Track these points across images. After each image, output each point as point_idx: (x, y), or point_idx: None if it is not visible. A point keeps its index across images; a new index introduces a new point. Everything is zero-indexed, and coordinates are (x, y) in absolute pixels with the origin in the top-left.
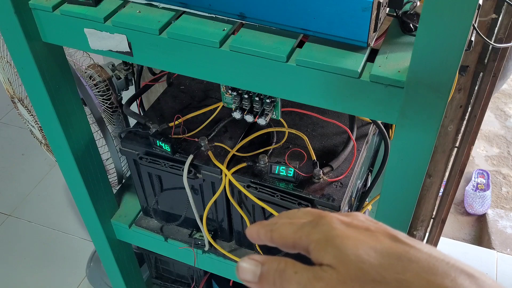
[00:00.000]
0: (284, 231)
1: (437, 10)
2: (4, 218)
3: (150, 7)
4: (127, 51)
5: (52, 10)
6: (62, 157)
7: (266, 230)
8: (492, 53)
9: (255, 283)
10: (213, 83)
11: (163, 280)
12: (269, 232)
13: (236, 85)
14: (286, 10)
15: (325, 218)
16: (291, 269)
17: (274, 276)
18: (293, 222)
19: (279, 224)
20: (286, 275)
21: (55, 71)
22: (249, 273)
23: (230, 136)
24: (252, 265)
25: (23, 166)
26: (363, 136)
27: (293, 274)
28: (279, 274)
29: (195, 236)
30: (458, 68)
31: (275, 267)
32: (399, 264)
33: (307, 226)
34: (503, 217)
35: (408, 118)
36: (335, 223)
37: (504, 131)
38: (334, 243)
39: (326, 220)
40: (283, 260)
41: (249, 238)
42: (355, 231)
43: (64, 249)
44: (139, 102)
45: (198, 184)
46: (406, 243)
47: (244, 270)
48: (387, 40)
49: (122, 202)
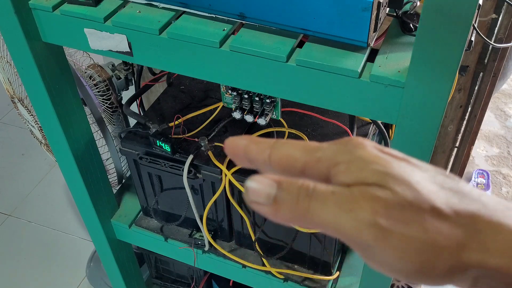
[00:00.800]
0: (292, 150)
1: (437, 10)
2: (4, 218)
3: (150, 7)
4: (127, 51)
5: (52, 10)
6: (62, 157)
7: (261, 147)
8: (492, 53)
9: (269, 206)
10: (213, 83)
11: (163, 280)
12: (267, 150)
13: (236, 85)
14: (286, 10)
15: (354, 140)
16: (325, 188)
17: (298, 196)
18: (303, 143)
19: (283, 142)
20: (318, 194)
21: (55, 71)
22: (261, 194)
23: (230, 136)
24: (266, 185)
25: (23, 166)
26: (363, 136)
27: (330, 193)
28: (305, 193)
29: (195, 236)
30: (458, 68)
31: (299, 185)
32: (454, 196)
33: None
34: None
35: (408, 118)
36: (368, 146)
37: (504, 131)
38: (375, 163)
39: (355, 141)
40: (308, 180)
41: (229, 151)
42: (393, 158)
43: (64, 249)
44: (139, 102)
45: (198, 184)
46: (454, 177)
47: (255, 190)
48: (387, 40)
49: (122, 202)
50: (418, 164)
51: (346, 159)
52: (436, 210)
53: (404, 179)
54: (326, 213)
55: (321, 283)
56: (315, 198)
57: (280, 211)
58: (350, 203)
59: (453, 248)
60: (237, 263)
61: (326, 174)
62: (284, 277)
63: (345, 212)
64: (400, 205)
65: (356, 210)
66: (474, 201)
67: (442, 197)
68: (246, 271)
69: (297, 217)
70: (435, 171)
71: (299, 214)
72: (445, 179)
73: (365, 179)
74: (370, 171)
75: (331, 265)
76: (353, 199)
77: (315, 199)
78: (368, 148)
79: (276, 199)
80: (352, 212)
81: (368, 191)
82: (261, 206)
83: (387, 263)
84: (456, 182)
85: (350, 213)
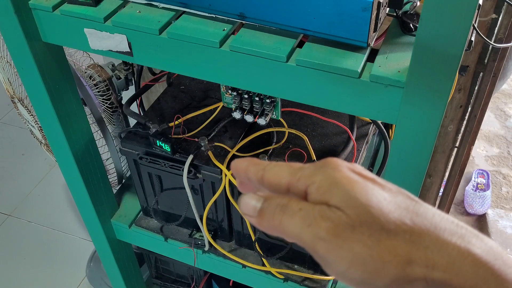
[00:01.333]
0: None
1: (437, 10)
2: (4, 218)
3: (150, 7)
4: (127, 51)
5: (52, 10)
6: (62, 157)
7: (257, 169)
8: (492, 53)
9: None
10: (213, 83)
11: (163, 280)
12: (260, 171)
13: (236, 85)
14: (286, 10)
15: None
16: (296, 205)
17: (275, 210)
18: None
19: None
20: (288, 210)
21: (55, 71)
22: (250, 207)
23: (230, 136)
24: (253, 200)
25: (23, 166)
26: (363, 136)
27: (297, 210)
28: (280, 208)
29: (195, 236)
30: (458, 68)
31: (277, 201)
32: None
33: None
34: (503, 217)
35: (408, 118)
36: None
37: (504, 131)
38: (341, 185)
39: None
40: (287, 196)
41: (234, 171)
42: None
43: (64, 249)
44: (139, 102)
45: (198, 184)
46: (413, 198)
47: (246, 204)
48: (387, 40)
49: (122, 202)
50: (383, 184)
51: (319, 179)
52: (385, 228)
53: (362, 202)
54: (292, 226)
55: (321, 283)
56: (286, 213)
57: (262, 222)
58: (310, 220)
59: (399, 262)
60: (237, 263)
61: (304, 191)
62: (284, 277)
63: (306, 226)
64: (350, 226)
65: (314, 226)
66: (426, 220)
67: (395, 216)
68: (246, 271)
69: (274, 227)
70: (397, 192)
71: (275, 225)
72: (404, 200)
73: (328, 200)
74: (333, 194)
75: None
76: (313, 217)
77: (286, 214)
78: (341, 169)
79: (259, 212)
80: (310, 227)
81: (326, 212)
82: (249, 217)
83: (339, 271)
84: (414, 203)
85: (308, 228)
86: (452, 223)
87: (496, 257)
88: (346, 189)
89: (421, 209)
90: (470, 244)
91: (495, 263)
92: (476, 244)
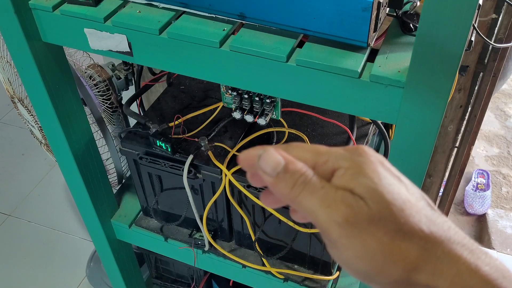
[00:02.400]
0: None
1: (437, 10)
2: (4, 218)
3: (150, 7)
4: (127, 51)
5: (52, 10)
6: (62, 157)
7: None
8: (492, 53)
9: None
10: (213, 83)
11: (163, 280)
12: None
13: (236, 85)
14: (286, 10)
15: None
16: (319, 183)
17: (297, 180)
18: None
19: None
20: (311, 185)
21: (55, 71)
22: (271, 165)
23: (230, 136)
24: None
25: (23, 166)
26: (363, 136)
27: (320, 187)
28: (303, 181)
29: (195, 236)
30: (458, 68)
31: (301, 172)
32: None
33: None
34: (503, 217)
35: (408, 118)
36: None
37: (504, 131)
38: (369, 176)
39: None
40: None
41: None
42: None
43: (64, 249)
44: (139, 102)
45: (198, 184)
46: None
47: (268, 159)
48: (387, 40)
49: (122, 202)
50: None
51: (347, 165)
52: (402, 230)
53: (386, 198)
54: (311, 202)
55: (321, 283)
56: (307, 188)
57: (277, 185)
58: (330, 201)
59: (407, 265)
60: (237, 263)
61: (330, 173)
62: (284, 277)
63: (325, 207)
64: (369, 219)
65: (333, 208)
66: (441, 231)
67: (414, 221)
68: (246, 271)
69: (289, 196)
70: (420, 197)
71: (292, 195)
72: (425, 207)
73: (353, 188)
74: (359, 183)
75: (331, 265)
76: (334, 199)
77: (307, 188)
78: (372, 160)
79: (279, 175)
80: (329, 208)
81: (348, 199)
82: (265, 174)
83: (345, 259)
84: (433, 211)
85: (327, 209)
86: (464, 238)
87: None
88: (374, 182)
89: (439, 219)
90: (479, 260)
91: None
92: (485, 261)
